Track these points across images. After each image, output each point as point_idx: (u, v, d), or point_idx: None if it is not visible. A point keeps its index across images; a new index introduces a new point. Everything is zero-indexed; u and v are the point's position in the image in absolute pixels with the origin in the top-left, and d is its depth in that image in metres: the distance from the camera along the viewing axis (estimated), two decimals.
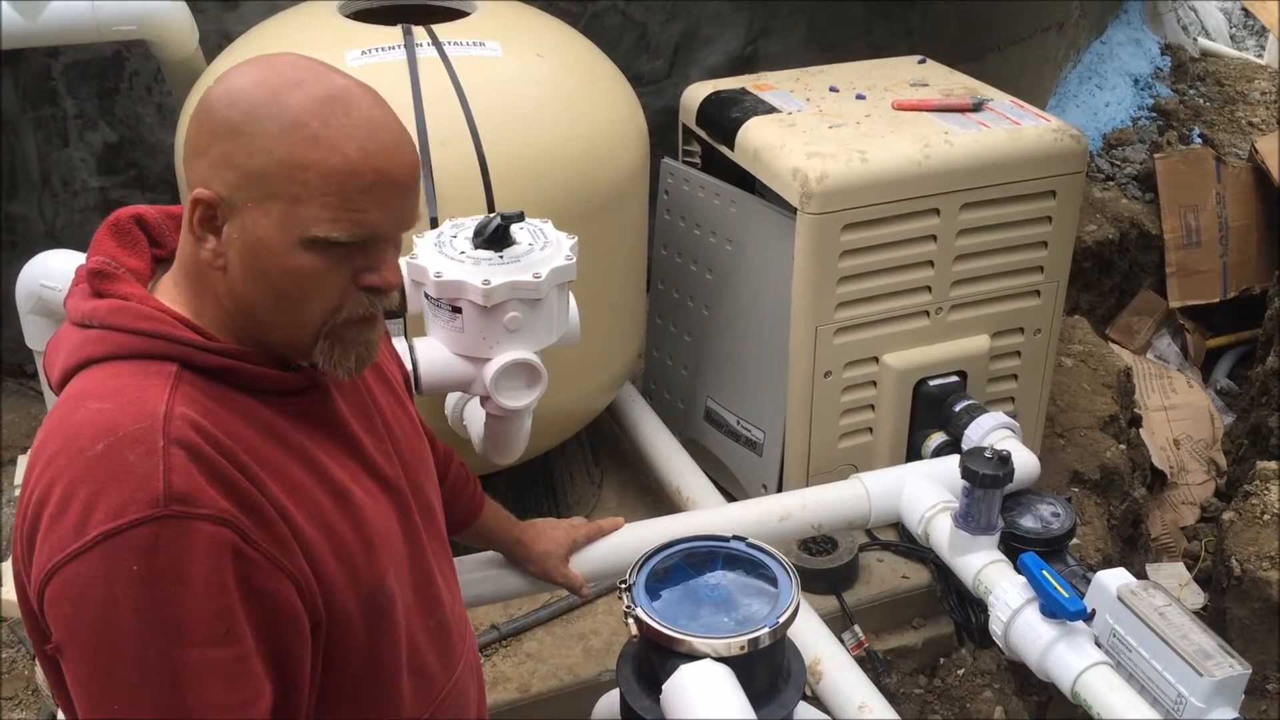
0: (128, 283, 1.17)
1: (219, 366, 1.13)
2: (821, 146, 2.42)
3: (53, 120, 3.06)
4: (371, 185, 1.11)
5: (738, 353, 2.72)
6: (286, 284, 1.13)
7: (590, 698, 1.84)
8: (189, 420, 1.08)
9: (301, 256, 1.11)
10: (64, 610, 1.05)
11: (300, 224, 1.10)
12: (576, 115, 2.33)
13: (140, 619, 1.04)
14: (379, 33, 2.29)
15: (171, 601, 1.04)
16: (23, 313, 2.04)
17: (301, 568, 1.13)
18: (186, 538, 1.04)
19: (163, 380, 1.10)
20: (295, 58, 1.15)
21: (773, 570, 1.60)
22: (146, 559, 1.03)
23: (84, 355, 1.13)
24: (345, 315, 1.16)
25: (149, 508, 1.03)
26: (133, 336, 1.12)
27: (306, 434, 1.19)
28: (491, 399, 1.77)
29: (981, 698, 2.51)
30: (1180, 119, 4.97)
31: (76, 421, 1.08)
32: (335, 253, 1.12)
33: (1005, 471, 1.94)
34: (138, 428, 1.06)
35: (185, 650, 1.05)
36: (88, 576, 1.03)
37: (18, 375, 3.30)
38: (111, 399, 1.08)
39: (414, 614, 1.30)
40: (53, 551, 1.05)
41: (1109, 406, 3.27)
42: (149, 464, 1.04)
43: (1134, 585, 1.83)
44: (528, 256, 1.74)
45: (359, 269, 1.15)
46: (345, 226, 1.11)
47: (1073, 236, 2.63)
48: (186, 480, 1.05)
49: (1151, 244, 4.43)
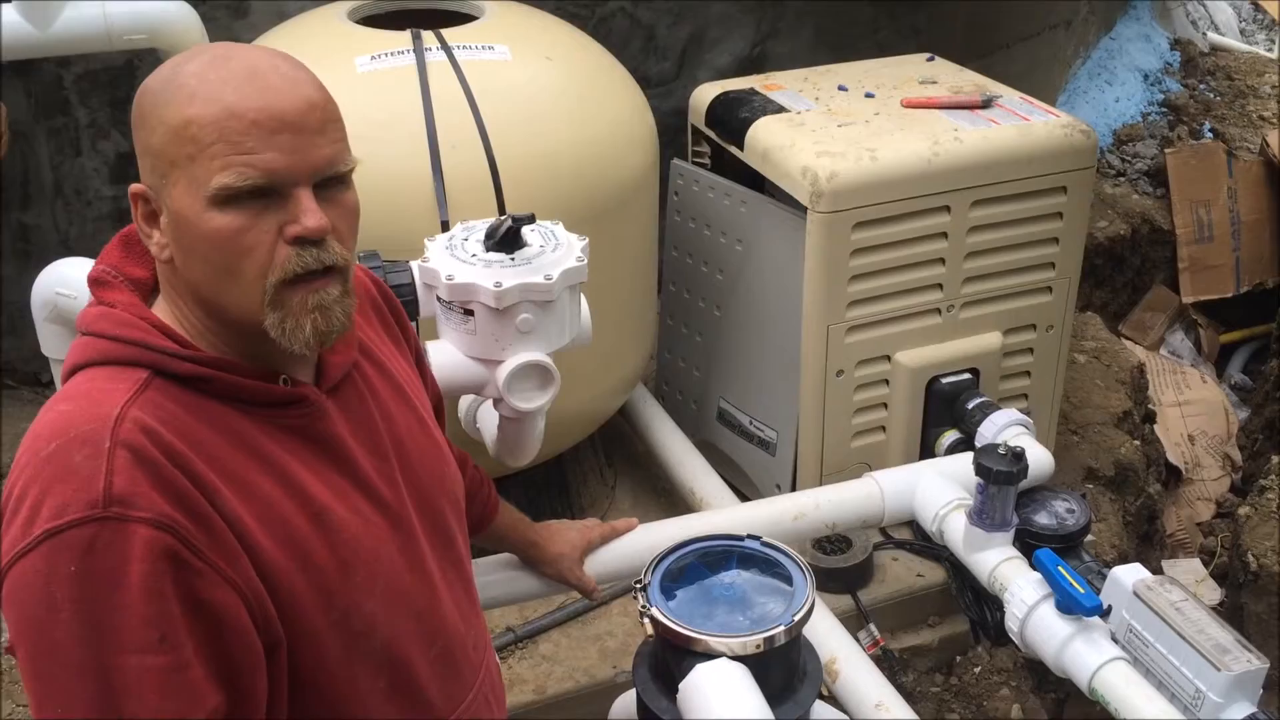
0: (119, 290, 1.18)
1: (191, 374, 1.13)
2: (831, 145, 2.42)
3: (65, 130, 3.08)
4: (254, 124, 1.08)
5: (749, 353, 2.72)
6: (212, 251, 1.11)
7: (606, 699, 1.84)
8: (140, 424, 1.07)
9: (215, 217, 1.09)
10: (12, 608, 1.06)
11: (200, 182, 1.09)
12: (586, 117, 2.33)
13: (76, 621, 1.03)
14: (388, 38, 2.30)
15: (107, 605, 1.03)
16: (39, 320, 2.05)
17: (251, 581, 1.11)
18: (123, 540, 1.04)
19: (128, 385, 1.10)
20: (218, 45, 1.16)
21: (788, 569, 1.60)
22: (83, 560, 1.03)
23: (72, 361, 1.16)
24: (280, 275, 1.12)
25: (88, 508, 1.03)
26: (109, 343, 1.14)
27: (288, 448, 1.17)
28: (504, 401, 1.78)
29: (998, 695, 2.51)
30: (1190, 114, 4.96)
31: (42, 423, 1.10)
32: (247, 206, 1.10)
33: (1019, 468, 1.93)
34: (88, 429, 1.07)
35: (120, 655, 1.04)
36: (31, 575, 1.04)
37: (33, 384, 3.31)
38: (76, 402, 1.10)
39: (410, 641, 1.27)
40: (9, 548, 1.05)
41: (1123, 403, 3.26)
42: (93, 465, 1.05)
43: (1150, 581, 1.83)
44: (539, 258, 1.74)
45: (282, 223, 1.11)
46: (239, 170, 1.08)
47: (1084, 232, 2.63)
48: (128, 483, 1.05)
49: (1163, 239, 4.42)
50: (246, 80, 1.10)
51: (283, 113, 1.10)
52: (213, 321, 1.16)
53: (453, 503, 1.40)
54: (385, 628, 1.23)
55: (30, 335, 2.17)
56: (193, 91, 1.09)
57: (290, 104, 1.11)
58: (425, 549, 1.31)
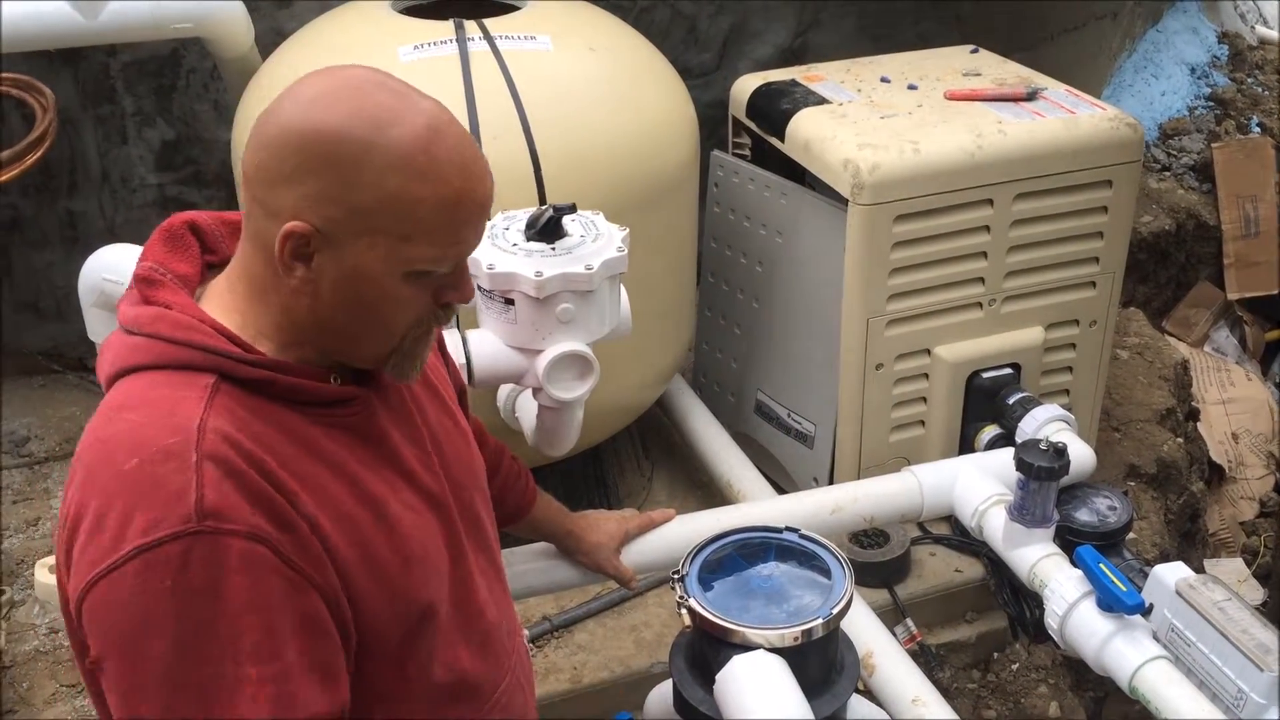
0: (171, 290, 1.16)
1: (256, 378, 1.13)
2: (873, 137, 2.40)
3: (112, 118, 3.11)
4: (471, 216, 1.14)
5: (788, 345, 2.71)
6: (382, 310, 1.14)
7: (641, 689, 1.84)
8: (222, 434, 1.08)
9: (402, 287, 1.13)
10: (100, 624, 1.06)
11: (406, 259, 1.11)
12: (627, 108, 2.33)
13: (174, 635, 1.04)
14: (431, 28, 2.31)
15: (205, 619, 1.04)
16: (85, 306, 2.07)
17: (333, 584, 1.13)
18: (219, 554, 1.04)
19: (199, 392, 1.10)
20: (364, 74, 1.14)
21: (826, 562, 1.59)
22: (179, 575, 1.03)
23: (125, 363, 1.14)
24: (423, 331, 1.19)
25: (181, 524, 1.03)
26: (171, 346, 1.12)
27: (345, 446, 1.18)
28: (544, 391, 1.78)
29: (1036, 693, 2.49)
30: (1238, 108, 4.89)
31: (111, 434, 1.08)
32: (430, 279, 1.15)
33: (1061, 464, 1.92)
34: (171, 442, 1.06)
35: (219, 667, 1.05)
36: (122, 592, 1.04)
37: (78, 369, 3.36)
38: (145, 411, 1.09)
39: (452, 628, 1.29)
40: (89, 566, 1.05)
41: (1166, 399, 3.22)
42: (181, 479, 1.04)
43: (1193, 580, 1.81)
44: (579, 248, 1.75)
45: (441, 286, 1.17)
46: (450, 260, 1.15)
47: (1129, 227, 2.60)
48: (219, 496, 1.05)
49: (1209, 235, 4.36)
50: (465, 167, 1.12)
51: (485, 201, 1.16)
52: (313, 332, 1.16)
53: (481, 489, 1.41)
54: (439, 618, 1.25)
55: (76, 320, 2.20)
56: (422, 171, 1.09)
57: (489, 192, 1.17)
58: (464, 538, 1.32)
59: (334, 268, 1.11)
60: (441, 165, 1.10)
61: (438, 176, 1.10)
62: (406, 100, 1.12)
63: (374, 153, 1.08)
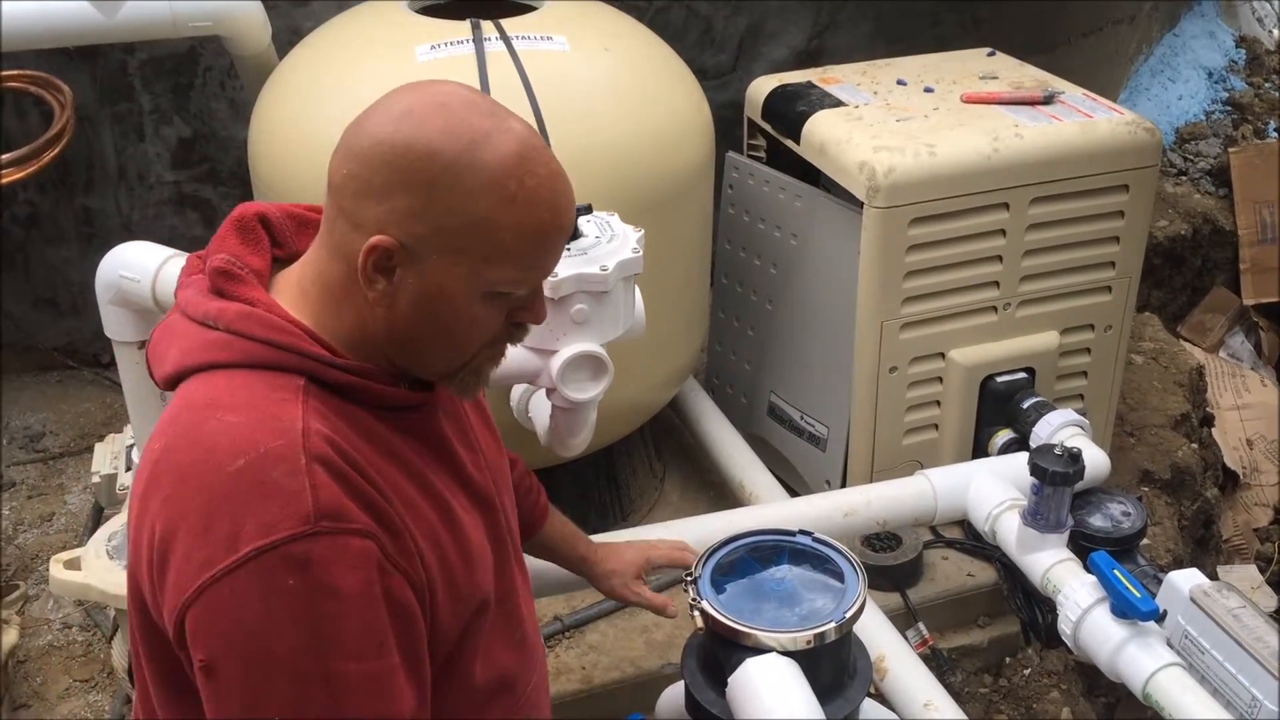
0: (252, 286, 1.16)
1: (342, 383, 1.13)
2: (889, 140, 2.40)
3: (129, 115, 3.12)
4: (555, 243, 1.16)
5: (801, 348, 2.71)
6: (457, 328, 1.15)
7: (652, 690, 1.84)
8: (324, 437, 1.08)
9: (480, 306, 1.14)
10: (217, 627, 1.05)
11: (487, 280, 1.12)
12: (643, 109, 2.33)
13: (298, 634, 1.05)
14: (447, 27, 2.31)
15: (327, 616, 1.05)
16: (102, 303, 2.08)
17: (422, 580, 1.15)
18: (337, 553, 1.05)
19: (293, 394, 1.10)
20: (455, 90, 1.15)
21: (839, 565, 1.59)
22: (300, 574, 1.04)
23: (207, 359, 1.13)
24: (494, 349, 1.21)
25: (301, 524, 1.04)
26: (262, 346, 1.11)
27: (414, 449, 1.19)
28: (558, 391, 1.78)
29: (1048, 698, 2.48)
30: (1255, 113, 4.87)
31: (208, 434, 1.07)
32: (506, 299, 1.16)
33: (1076, 469, 1.91)
34: (278, 444, 1.06)
35: (343, 663, 1.06)
36: (242, 593, 1.04)
37: (93, 365, 3.37)
38: (246, 412, 1.08)
39: (496, 626, 1.31)
40: (198, 570, 1.04)
41: (1180, 405, 3.21)
42: (295, 481, 1.05)
43: (1207, 586, 1.81)
44: (595, 249, 1.75)
45: (515, 306, 1.18)
46: (529, 283, 1.17)
47: (1145, 231, 2.59)
48: (332, 497, 1.06)
49: (1225, 240, 4.34)
50: (555, 196, 1.14)
51: (568, 227, 1.17)
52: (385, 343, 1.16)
53: (509, 489, 1.42)
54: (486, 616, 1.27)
55: (91, 317, 2.21)
56: (512, 195, 1.10)
57: (573, 217, 1.18)
58: (506, 536, 1.34)
59: (414, 284, 1.12)
60: (530, 192, 1.11)
61: (526, 203, 1.10)
62: (498, 120, 1.12)
63: (465, 175, 1.09)
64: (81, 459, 3.02)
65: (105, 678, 2.43)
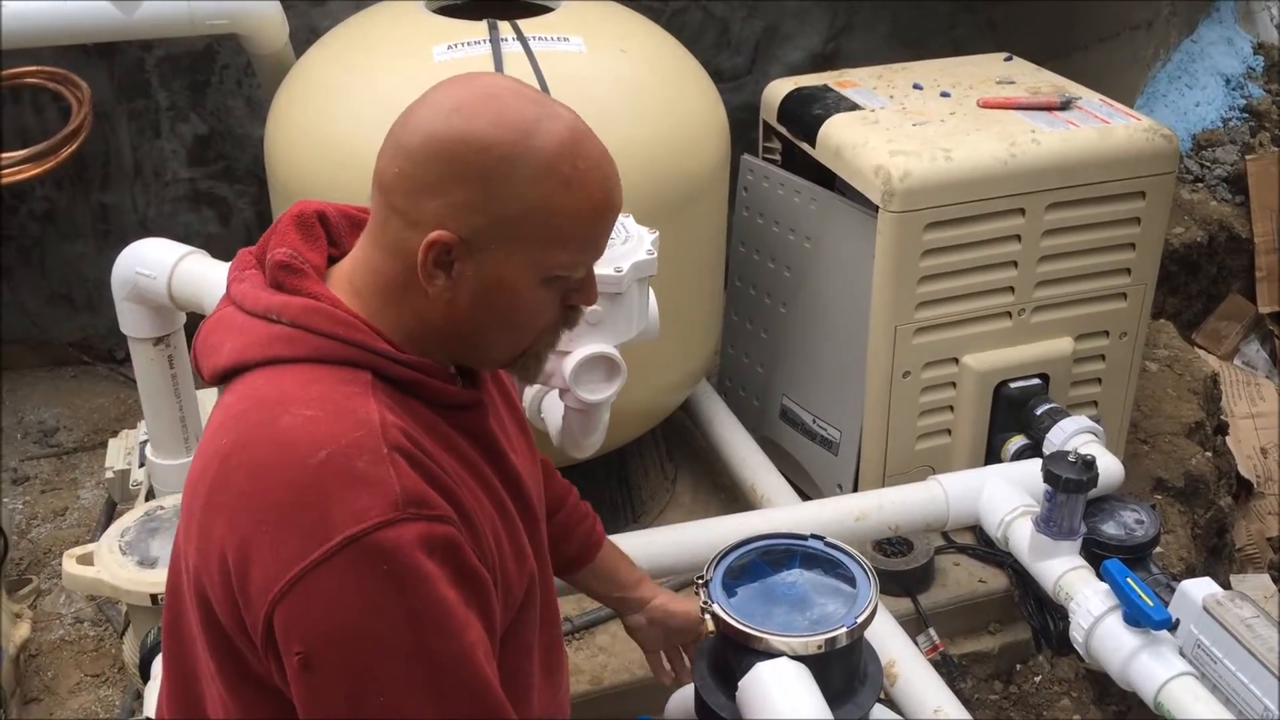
0: (314, 281, 1.16)
1: (406, 379, 1.14)
2: (905, 144, 2.39)
3: (145, 112, 3.14)
4: (608, 223, 1.17)
5: (815, 351, 2.70)
6: (519, 315, 1.16)
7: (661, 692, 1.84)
8: (399, 428, 1.10)
9: (539, 292, 1.15)
10: (314, 617, 1.05)
11: (546, 266, 1.14)
12: (659, 111, 2.33)
13: (399, 615, 1.05)
14: (464, 27, 2.32)
15: (425, 598, 1.06)
16: (118, 299, 2.08)
17: (496, 567, 1.17)
18: (425, 538, 1.06)
19: (362, 389, 1.11)
20: (501, 81, 1.15)
21: (851, 570, 1.59)
22: (396, 558, 1.05)
23: (270, 353, 1.12)
24: (554, 333, 1.21)
25: (391, 510, 1.05)
26: (330, 341, 1.12)
27: (470, 446, 1.20)
28: (571, 392, 1.78)
29: (1059, 706, 2.47)
30: (1273, 120, 4.84)
31: (285, 429, 1.07)
32: (563, 283, 1.17)
33: (1089, 476, 1.91)
34: (358, 435, 1.07)
35: (439, 641, 1.07)
36: (339, 581, 1.04)
37: (108, 360, 3.39)
38: (321, 406, 1.08)
39: (532, 628, 1.31)
40: (289, 562, 1.04)
41: (1195, 413, 3.19)
42: (380, 470, 1.06)
43: (1220, 596, 1.80)
44: (609, 250, 1.75)
45: (569, 289, 1.19)
46: (585, 264, 1.18)
47: (1162, 238, 2.58)
48: (415, 484, 1.07)
49: (1241, 247, 4.32)
50: (605, 177, 1.15)
51: (619, 206, 1.18)
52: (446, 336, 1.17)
53: (542, 495, 1.42)
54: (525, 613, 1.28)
55: (106, 312, 2.22)
56: (566, 180, 1.11)
57: (620, 199, 1.18)
58: (542, 538, 1.35)
59: (475, 275, 1.12)
60: (584, 174, 1.12)
61: (581, 185, 1.11)
62: (545, 108, 1.13)
63: (520, 164, 1.09)
64: (95, 454, 3.03)
65: (116, 673, 2.44)
